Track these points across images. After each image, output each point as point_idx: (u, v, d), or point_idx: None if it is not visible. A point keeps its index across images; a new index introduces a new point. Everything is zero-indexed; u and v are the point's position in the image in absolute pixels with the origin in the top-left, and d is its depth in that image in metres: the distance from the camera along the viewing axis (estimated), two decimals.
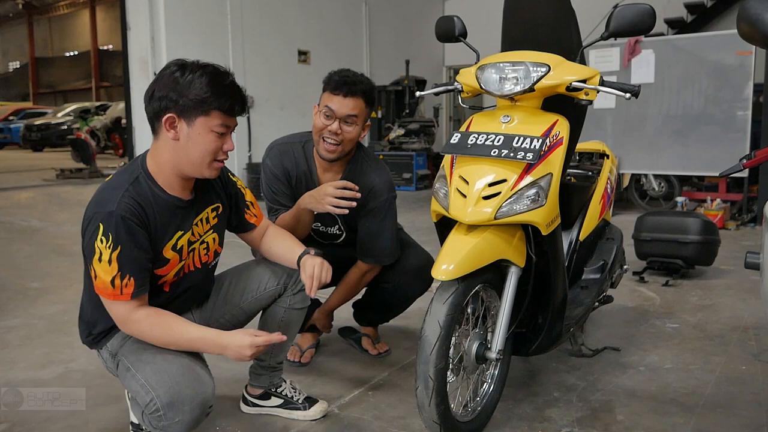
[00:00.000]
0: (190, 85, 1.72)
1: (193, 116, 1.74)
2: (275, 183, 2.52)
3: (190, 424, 1.76)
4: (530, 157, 1.85)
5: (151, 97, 1.77)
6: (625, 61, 6.63)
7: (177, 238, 1.86)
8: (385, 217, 2.50)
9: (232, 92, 1.78)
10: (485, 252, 1.88)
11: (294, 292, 2.11)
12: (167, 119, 1.74)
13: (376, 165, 2.55)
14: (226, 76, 1.79)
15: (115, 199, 1.72)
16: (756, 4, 1.40)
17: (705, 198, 6.44)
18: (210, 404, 1.80)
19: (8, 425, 2.18)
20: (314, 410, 2.21)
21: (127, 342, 1.87)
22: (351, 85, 2.36)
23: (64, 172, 9.46)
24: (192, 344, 1.80)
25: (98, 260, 1.71)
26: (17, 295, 3.79)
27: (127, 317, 1.75)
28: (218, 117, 1.76)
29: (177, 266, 1.89)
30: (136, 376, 1.78)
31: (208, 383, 1.80)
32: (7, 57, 37.07)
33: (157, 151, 1.83)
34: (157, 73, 1.80)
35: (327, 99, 2.39)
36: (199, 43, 7.77)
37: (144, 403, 1.75)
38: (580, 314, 2.40)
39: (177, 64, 1.77)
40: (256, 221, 2.13)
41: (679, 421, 2.17)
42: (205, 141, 1.77)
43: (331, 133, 2.37)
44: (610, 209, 2.91)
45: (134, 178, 1.79)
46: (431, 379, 1.80)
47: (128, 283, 1.71)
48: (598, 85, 2.00)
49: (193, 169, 1.82)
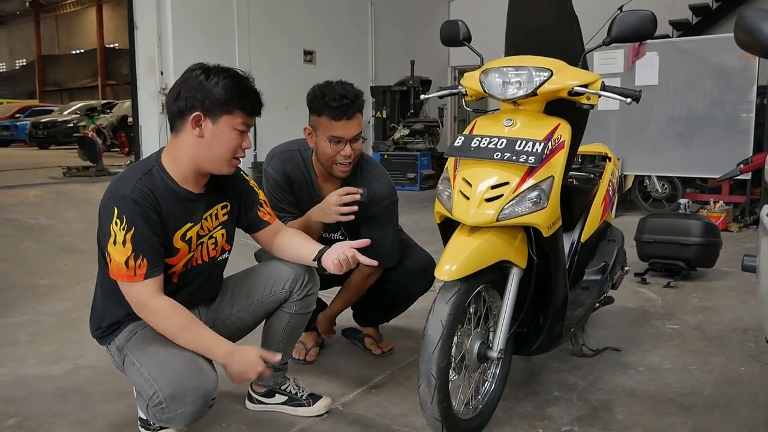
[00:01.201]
0: (216, 86, 1.85)
1: (218, 115, 1.87)
2: (278, 191, 2.54)
3: (192, 416, 1.81)
4: (532, 161, 1.89)
5: (177, 97, 1.88)
6: (629, 63, 6.65)
7: (186, 229, 1.94)
8: (387, 222, 2.54)
9: (253, 94, 1.93)
10: (487, 253, 1.92)
11: (299, 297, 2.13)
12: (194, 117, 1.85)
13: (375, 171, 2.58)
14: (246, 79, 1.93)
15: (129, 186, 1.83)
16: (753, 13, 1.43)
17: (708, 200, 6.46)
18: (212, 397, 1.85)
19: (19, 419, 2.23)
20: (318, 406, 2.25)
21: (134, 337, 1.92)
22: (350, 107, 2.35)
23: (71, 170, 9.50)
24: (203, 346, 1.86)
25: (113, 243, 1.80)
26: (26, 292, 3.84)
27: (145, 302, 1.82)
28: (240, 116, 1.90)
29: (186, 257, 1.96)
30: (140, 370, 1.85)
31: (211, 376, 1.85)
32: (14, 55, 37.19)
33: (176, 147, 1.92)
34: (181, 76, 1.92)
35: (329, 126, 2.36)
36: (206, 43, 7.82)
37: (147, 396, 1.81)
38: (580, 315, 2.44)
39: (201, 67, 1.90)
40: (270, 219, 2.17)
41: (678, 420, 2.20)
42: (228, 138, 1.89)
43: (345, 157, 2.39)
44: (612, 211, 2.95)
45: (147, 170, 1.90)
46: (434, 378, 1.84)
47: (141, 264, 1.79)
48: (599, 90, 2.03)
49: (213, 165, 1.93)
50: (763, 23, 1.39)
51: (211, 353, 1.87)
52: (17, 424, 2.20)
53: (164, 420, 1.83)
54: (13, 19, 36.32)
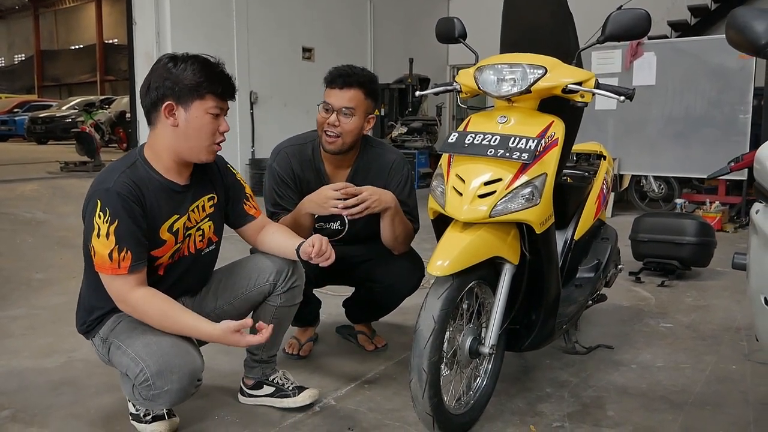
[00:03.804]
0: (184, 72, 1.86)
1: (189, 101, 1.87)
2: (282, 187, 2.53)
3: (178, 394, 1.83)
4: (525, 157, 1.89)
5: (148, 89, 1.89)
6: (627, 63, 6.67)
7: (173, 221, 1.95)
8: (410, 188, 2.62)
9: (222, 77, 1.93)
10: (480, 249, 1.93)
11: (284, 290, 2.14)
12: (166, 107, 1.86)
13: (384, 147, 2.65)
14: (216, 64, 1.93)
15: (113, 179, 1.84)
16: (744, 12, 1.45)
17: (704, 200, 6.48)
18: (198, 377, 1.88)
19: (12, 411, 2.24)
20: (303, 396, 2.25)
21: (118, 326, 1.94)
22: (346, 77, 2.41)
23: (69, 165, 9.48)
24: (185, 329, 1.88)
25: (97, 236, 1.80)
26: (21, 286, 3.85)
27: (126, 294, 1.83)
28: (212, 99, 1.90)
29: (172, 248, 1.97)
30: (127, 351, 1.87)
31: (197, 357, 1.89)
32: (13, 49, 37.14)
33: (155, 139, 1.93)
34: (151, 68, 1.92)
35: (326, 94, 2.45)
36: (205, 39, 7.81)
37: (134, 374, 1.83)
38: (573, 312, 2.45)
39: (168, 56, 1.91)
40: (255, 213, 2.18)
41: (668, 417, 2.21)
42: (203, 123, 1.90)
43: (330, 125, 2.42)
44: (606, 209, 2.96)
45: (131, 163, 1.92)
46: (425, 372, 1.85)
47: (125, 257, 1.80)
48: (593, 87, 2.04)
49: (192, 153, 1.93)
50: (754, 21, 1.40)
51: (197, 332, 1.88)
52: (10, 416, 2.21)
53: (150, 398, 1.85)
54: (12, 13, 36.28)
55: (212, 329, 1.86)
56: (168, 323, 1.86)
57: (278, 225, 2.24)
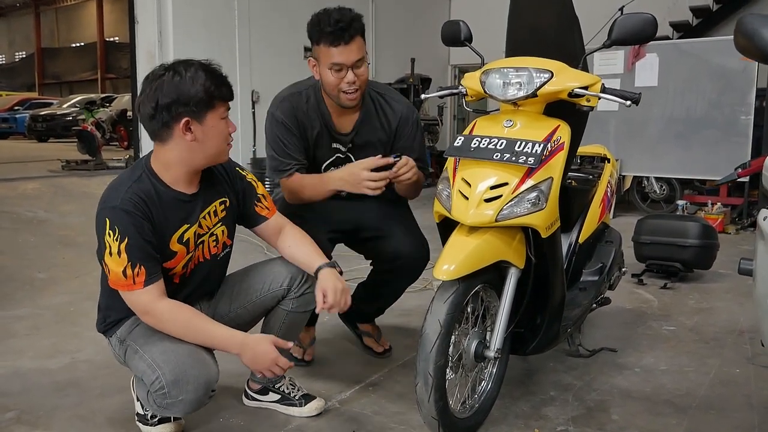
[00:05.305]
0: (194, 86, 1.82)
1: (204, 113, 1.85)
2: (287, 135, 2.43)
3: (192, 404, 1.84)
4: (531, 162, 1.89)
5: (156, 107, 1.82)
6: (629, 64, 6.66)
7: (183, 231, 1.94)
8: (420, 136, 2.57)
9: (223, 80, 1.91)
10: (486, 253, 1.93)
11: (297, 295, 2.14)
12: (184, 124, 1.83)
13: (389, 93, 2.58)
14: (215, 68, 1.91)
15: (119, 196, 1.83)
16: (753, 19, 1.44)
17: (706, 202, 6.48)
18: (213, 388, 1.88)
19: (17, 413, 2.24)
20: (309, 407, 2.25)
21: (136, 328, 1.95)
22: (347, 30, 2.29)
23: (70, 164, 9.47)
24: (213, 342, 1.88)
25: (109, 254, 1.80)
26: (24, 285, 3.85)
27: (148, 308, 1.83)
28: (222, 105, 1.90)
29: (185, 258, 1.97)
30: (144, 357, 1.87)
31: (213, 367, 1.88)
32: (14, 47, 37.09)
33: (165, 154, 1.90)
34: (147, 84, 1.85)
35: (327, 54, 2.32)
36: (206, 38, 7.81)
37: (150, 381, 1.84)
38: (577, 315, 2.45)
39: (166, 69, 1.85)
40: (267, 213, 2.16)
41: (672, 421, 2.22)
42: (219, 130, 1.90)
43: (349, 84, 2.34)
44: (610, 212, 2.96)
45: (137, 176, 1.90)
46: (431, 376, 1.85)
47: (139, 272, 1.80)
48: (599, 92, 2.04)
49: (209, 160, 1.94)
50: (763, 28, 1.39)
51: (222, 346, 1.88)
52: (15, 417, 2.21)
53: (165, 406, 1.86)
54: (13, 11, 36.22)
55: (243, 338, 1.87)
56: (194, 335, 1.86)
57: (295, 231, 2.17)
